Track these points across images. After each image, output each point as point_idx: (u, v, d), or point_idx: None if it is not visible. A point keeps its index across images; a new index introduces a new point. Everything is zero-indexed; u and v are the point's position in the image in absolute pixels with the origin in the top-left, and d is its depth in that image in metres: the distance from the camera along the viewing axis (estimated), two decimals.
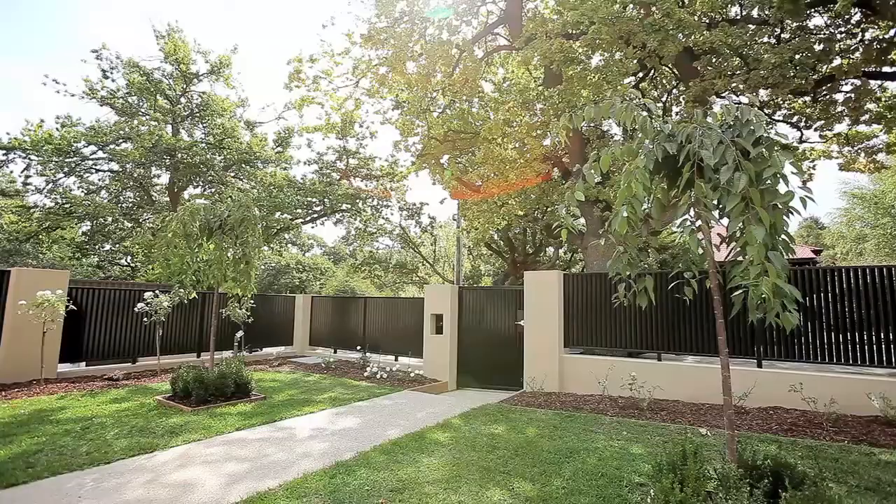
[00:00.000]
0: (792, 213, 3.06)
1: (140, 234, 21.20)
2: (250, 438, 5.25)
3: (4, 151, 18.29)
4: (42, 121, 18.91)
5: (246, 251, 7.42)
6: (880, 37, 10.82)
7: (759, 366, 6.78)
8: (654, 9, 10.03)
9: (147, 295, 9.33)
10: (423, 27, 11.60)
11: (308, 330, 13.58)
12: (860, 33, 11.19)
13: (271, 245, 24.34)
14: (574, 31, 10.10)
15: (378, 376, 9.59)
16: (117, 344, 9.60)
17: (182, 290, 9.49)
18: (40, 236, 20.75)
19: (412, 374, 9.71)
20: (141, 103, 20.86)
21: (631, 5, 10.38)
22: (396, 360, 11.31)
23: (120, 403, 6.66)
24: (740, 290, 3.32)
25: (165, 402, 6.69)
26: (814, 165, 13.79)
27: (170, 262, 7.74)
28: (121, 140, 19.78)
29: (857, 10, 10.32)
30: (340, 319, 12.92)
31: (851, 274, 6.43)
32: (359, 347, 11.72)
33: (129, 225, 21.77)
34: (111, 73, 20.11)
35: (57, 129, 19.16)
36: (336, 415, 6.49)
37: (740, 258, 3.36)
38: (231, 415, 6.20)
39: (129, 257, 26.29)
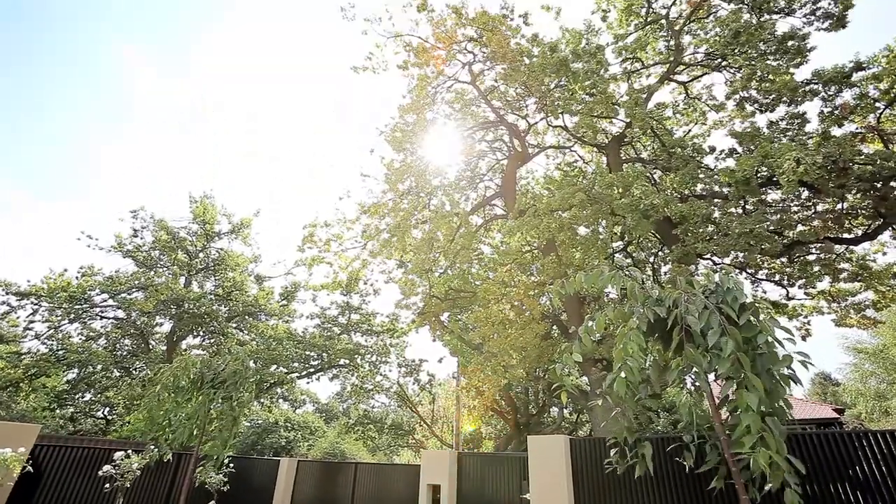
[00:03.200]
0: (796, 383, 3.07)
1: (128, 385, 20.36)
2: None
3: (19, 297, 18.86)
4: (65, 269, 20.00)
5: (233, 407, 7.12)
6: (829, 209, 12.19)
7: None
8: (630, 188, 11.57)
9: (117, 455, 8.53)
10: (428, 200, 13.26)
11: (289, 501, 11.96)
12: (812, 206, 12.64)
13: (262, 400, 23.15)
14: (561, 206, 11.48)
15: None
16: None
17: (155, 449, 8.74)
18: (21, 384, 19.87)
19: None
20: (161, 257, 22.33)
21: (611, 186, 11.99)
22: None
23: None
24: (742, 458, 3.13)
25: None
26: (808, 321, 14.00)
27: (151, 416, 7.36)
28: (133, 290, 20.56)
29: (803, 188, 11.88)
30: (326, 489, 11.48)
31: None
32: None
33: (119, 374, 21.06)
34: (141, 231, 22.07)
35: (77, 278, 20.12)
36: None
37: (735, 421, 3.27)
38: None
39: (107, 409, 24.69)
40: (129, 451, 8.71)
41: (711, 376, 3.62)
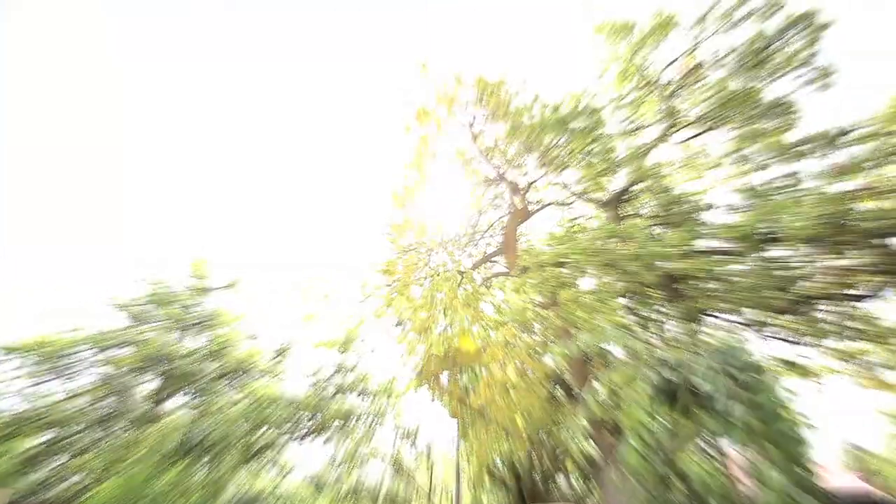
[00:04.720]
0: (800, 445, 2.81)
1: (108, 447, 19.22)
2: None
3: (7, 351, 18.32)
4: (59, 322, 19.58)
5: (218, 476, 6.61)
6: (832, 266, 12.07)
7: None
8: (630, 242, 11.56)
9: None
10: (428, 257, 13.29)
11: None
12: (814, 263, 12.51)
13: (249, 465, 21.79)
14: (564, 260, 11.42)
15: None
16: None
17: None
18: None
19: None
20: (156, 311, 21.99)
21: (612, 239, 11.99)
22: None
23: None
24: None
25: None
26: (821, 381, 13.43)
27: (130, 483, 6.84)
28: (124, 345, 20.03)
29: (803, 245, 11.82)
30: None
31: None
32: None
33: (100, 434, 19.95)
34: (139, 284, 21.94)
35: (70, 331, 19.69)
36: None
37: None
38: None
39: (84, 473, 23.11)
40: None
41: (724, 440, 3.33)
